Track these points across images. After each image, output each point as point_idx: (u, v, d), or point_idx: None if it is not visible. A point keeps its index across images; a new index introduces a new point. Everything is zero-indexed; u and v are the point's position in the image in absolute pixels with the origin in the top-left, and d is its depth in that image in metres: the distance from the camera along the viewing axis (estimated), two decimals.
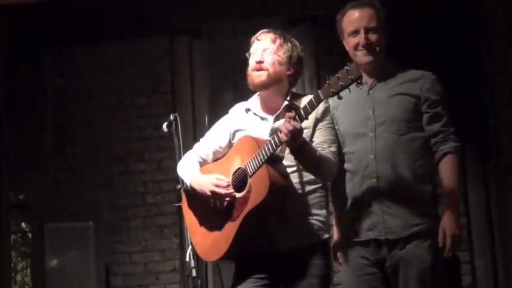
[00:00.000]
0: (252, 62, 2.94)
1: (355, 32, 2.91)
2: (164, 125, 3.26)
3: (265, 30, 3.00)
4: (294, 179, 2.88)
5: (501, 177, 4.86)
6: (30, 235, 5.83)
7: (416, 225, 2.82)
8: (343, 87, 2.58)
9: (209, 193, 2.88)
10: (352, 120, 2.90)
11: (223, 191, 2.86)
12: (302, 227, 2.88)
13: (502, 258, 4.85)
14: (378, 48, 2.90)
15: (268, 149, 2.74)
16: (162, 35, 5.40)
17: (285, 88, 2.97)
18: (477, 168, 4.97)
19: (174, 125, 3.25)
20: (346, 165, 2.96)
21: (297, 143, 2.70)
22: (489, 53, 4.95)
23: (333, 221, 3.06)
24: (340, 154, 2.97)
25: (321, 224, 2.91)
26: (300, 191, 2.89)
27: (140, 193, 5.35)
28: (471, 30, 5.00)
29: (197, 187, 2.93)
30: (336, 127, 3.00)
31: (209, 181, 2.89)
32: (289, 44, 2.95)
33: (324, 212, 2.93)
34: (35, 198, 5.44)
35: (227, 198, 2.87)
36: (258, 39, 2.96)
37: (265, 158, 2.74)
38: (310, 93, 2.86)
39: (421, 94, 2.87)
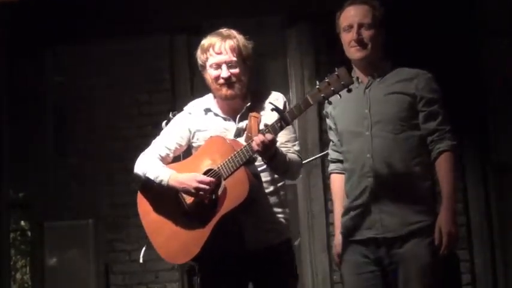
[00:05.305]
0: (215, 76, 2.89)
1: (349, 27, 2.92)
2: (163, 123, 3.26)
3: (218, 38, 2.90)
4: (264, 177, 2.88)
5: (500, 175, 4.87)
6: (29, 233, 5.83)
7: (414, 223, 2.82)
8: (334, 93, 2.58)
9: (193, 190, 2.80)
10: (348, 119, 2.91)
11: (207, 187, 2.79)
12: (273, 225, 2.90)
13: (501, 256, 4.86)
14: (370, 45, 2.89)
15: (247, 151, 2.72)
16: (162, 33, 5.39)
17: (246, 87, 2.95)
18: (476, 166, 4.98)
19: None
20: (344, 165, 2.97)
21: (269, 153, 2.71)
22: (489, 51, 4.96)
23: (334, 220, 3.07)
24: (339, 152, 3.02)
25: (286, 222, 2.94)
26: (269, 189, 2.90)
27: None
28: (471, 27, 5.00)
29: (178, 185, 2.85)
30: (334, 126, 3.02)
31: (191, 178, 2.82)
32: (243, 46, 2.90)
33: (287, 209, 2.96)
34: (35, 196, 5.43)
35: (209, 194, 2.81)
36: (216, 53, 2.89)
37: (244, 160, 2.73)
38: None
39: (416, 93, 2.87)
